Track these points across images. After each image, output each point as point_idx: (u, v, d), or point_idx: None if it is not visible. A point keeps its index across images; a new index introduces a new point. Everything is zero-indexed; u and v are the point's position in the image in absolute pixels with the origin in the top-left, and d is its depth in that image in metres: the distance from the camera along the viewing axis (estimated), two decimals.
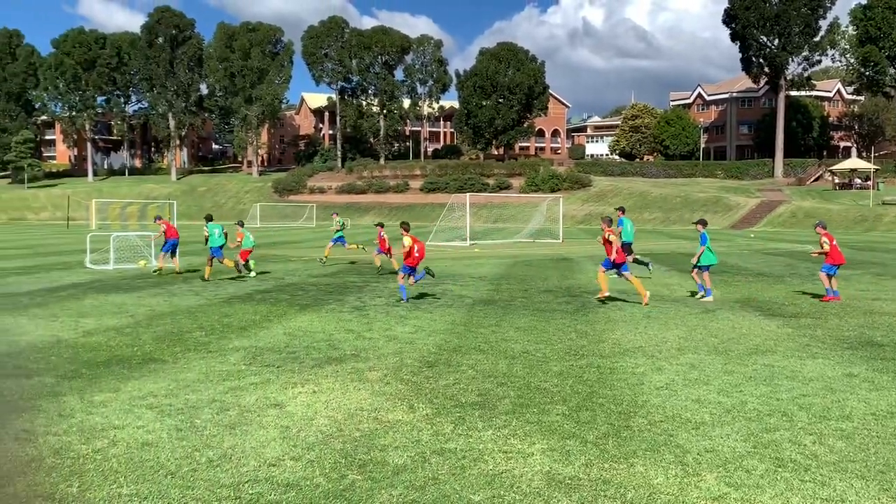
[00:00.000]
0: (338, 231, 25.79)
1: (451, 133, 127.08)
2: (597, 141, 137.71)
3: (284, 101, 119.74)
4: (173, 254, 21.12)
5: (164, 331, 11.63)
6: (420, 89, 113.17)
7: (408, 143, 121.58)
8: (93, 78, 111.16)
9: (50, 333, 11.38)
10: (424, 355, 9.70)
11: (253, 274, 20.30)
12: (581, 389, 7.91)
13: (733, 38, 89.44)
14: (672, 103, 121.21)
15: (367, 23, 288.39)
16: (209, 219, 20.41)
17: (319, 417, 6.81)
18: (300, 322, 12.53)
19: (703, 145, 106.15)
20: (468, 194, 45.03)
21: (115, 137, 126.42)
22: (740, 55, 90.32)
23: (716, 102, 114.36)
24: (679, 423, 6.72)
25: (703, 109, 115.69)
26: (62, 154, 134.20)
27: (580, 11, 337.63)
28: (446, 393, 7.72)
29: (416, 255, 14.87)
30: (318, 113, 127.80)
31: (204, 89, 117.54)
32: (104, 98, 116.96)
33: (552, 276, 21.23)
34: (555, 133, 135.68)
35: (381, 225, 22.56)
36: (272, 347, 10.28)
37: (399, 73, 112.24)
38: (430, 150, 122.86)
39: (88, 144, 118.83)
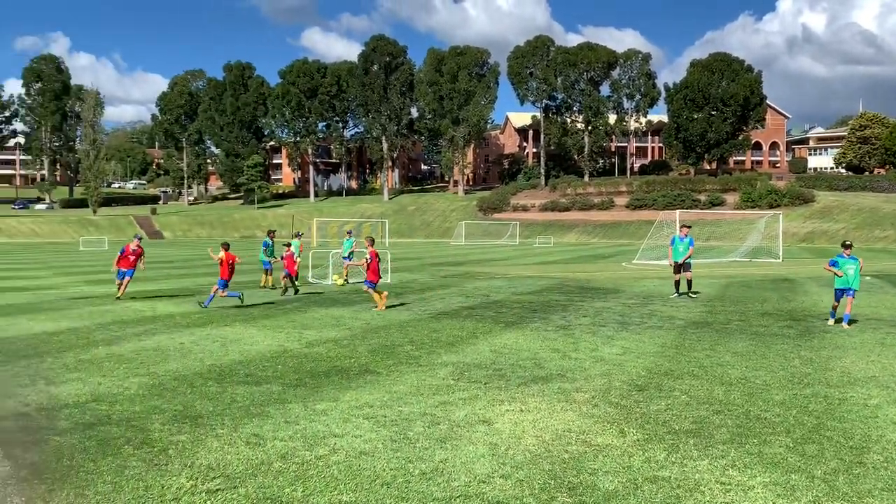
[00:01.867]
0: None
1: (660, 148, 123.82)
2: (820, 153, 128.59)
3: (490, 121, 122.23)
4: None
5: (378, 344, 12.16)
6: (627, 104, 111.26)
7: (613, 160, 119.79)
8: (315, 105, 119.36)
9: (277, 343, 12.25)
10: (633, 378, 9.43)
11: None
12: (806, 421, 7.36)
13: None
14: None
15: (573, 39, 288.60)
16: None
17: (527, 437, 6.81)
18: (505, 339, 12.63)
19: None
20: (678, 211, 43.56)
21: (333, 160, 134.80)
22: None
23: None
24: None
25: None
26: (287, 176, 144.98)
27: (799, 17, 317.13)
28: (658, 418, 7.45)
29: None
30: (521, 131, 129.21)
31: (414, 113, 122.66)
32: (325, 124, 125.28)
33: (771, 297, 19.98)
34: (773, 146, 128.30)
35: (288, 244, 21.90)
36: (479, 364, 10.43)
37: (605, 89, 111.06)
38: (636, 165, 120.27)
39: (311, 167, 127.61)
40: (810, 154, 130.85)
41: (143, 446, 6.49)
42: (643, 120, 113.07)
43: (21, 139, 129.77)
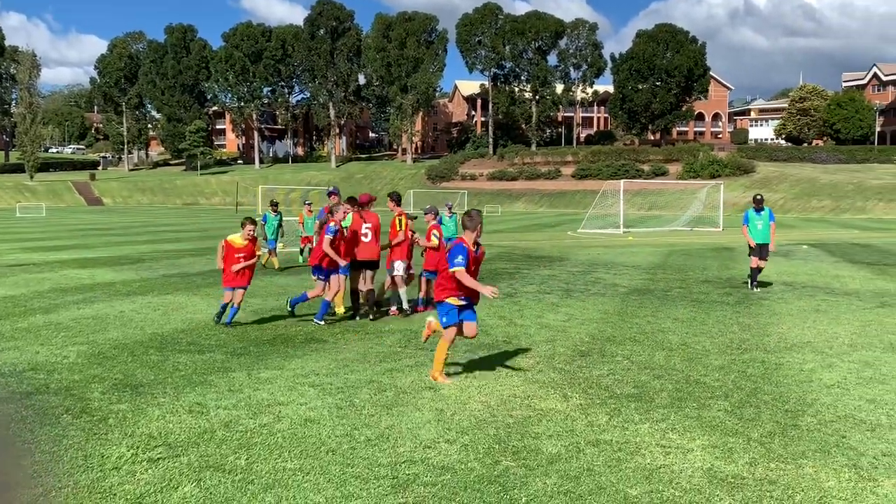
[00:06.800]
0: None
1: (605, 118, 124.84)
2: (761, 125, 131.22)
3: (438, 89, 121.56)
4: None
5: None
6: (573, 74, 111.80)
7: (560, 129, 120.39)
8: (259, 70, 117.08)
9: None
10: (577, 344, 9.57)
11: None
12: (744, 385, 7.56)
13: None
14: (844, 84, 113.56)
15: (521, 7, 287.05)
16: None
17: (472, 402, 6.86)
18: None
19: (878, 129, 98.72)
20: (622, 181, 44.16)
21: (279, 126, 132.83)
22: None
23: (894, 83, 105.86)
24: (852, 423, 6.28)
25: (879, 90, 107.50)
26: (231, 143, 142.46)
27: None
28: (601, 383, 7.58)
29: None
30: (470, 100, 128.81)
31: (362, 79, 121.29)
32: (270, 89, 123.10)
33: (712, 265, 20.42)
34: (715, 117, 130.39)
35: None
36: None
37: (552, 59, 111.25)
38: (582, 135, 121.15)
39: (255, 133, 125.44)
40: (751, 125, 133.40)
41: (82, 415, 6.36)
42: (589, 90, 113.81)
43: None
